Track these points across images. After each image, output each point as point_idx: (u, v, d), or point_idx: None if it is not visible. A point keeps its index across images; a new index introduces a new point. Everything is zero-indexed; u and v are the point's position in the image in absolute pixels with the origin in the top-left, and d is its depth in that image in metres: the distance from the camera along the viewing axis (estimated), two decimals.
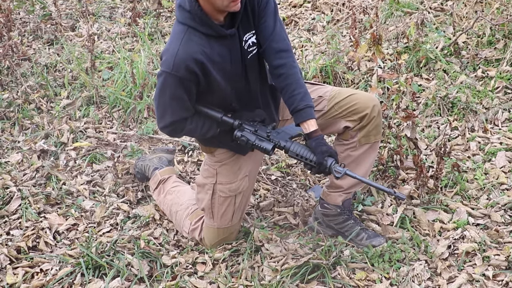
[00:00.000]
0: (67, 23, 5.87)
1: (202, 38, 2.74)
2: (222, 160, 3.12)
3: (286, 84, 2.87)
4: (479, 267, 2.96)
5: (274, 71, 2.91)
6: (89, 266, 3.11)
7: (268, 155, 2.93)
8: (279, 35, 2.91)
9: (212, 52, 2.75)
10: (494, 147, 3.78)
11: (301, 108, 2.84)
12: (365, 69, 4.58)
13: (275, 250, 3.19)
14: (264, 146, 2.90)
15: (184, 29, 2.75)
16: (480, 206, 3.37)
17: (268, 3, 2.88)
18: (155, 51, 5.11)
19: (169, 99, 2.78)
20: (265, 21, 2.88)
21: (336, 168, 2.77)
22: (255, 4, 2.84)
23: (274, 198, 3.64)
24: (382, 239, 3.17)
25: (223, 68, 2.81)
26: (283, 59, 2.89)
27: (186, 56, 2.70)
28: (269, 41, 2.88)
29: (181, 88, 2.75)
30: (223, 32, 2.76)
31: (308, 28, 5.47)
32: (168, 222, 3.51)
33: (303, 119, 2.85)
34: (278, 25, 2.91)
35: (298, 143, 2.87)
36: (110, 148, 4.24)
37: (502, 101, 4.10)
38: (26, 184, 3.83)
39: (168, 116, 2.82)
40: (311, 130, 2.84)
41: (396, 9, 5.12)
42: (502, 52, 4.46)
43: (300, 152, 2.84)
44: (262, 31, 2.88)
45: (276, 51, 2.89)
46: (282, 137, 2.90)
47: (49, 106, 4.73)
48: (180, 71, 2.70)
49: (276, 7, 2.92)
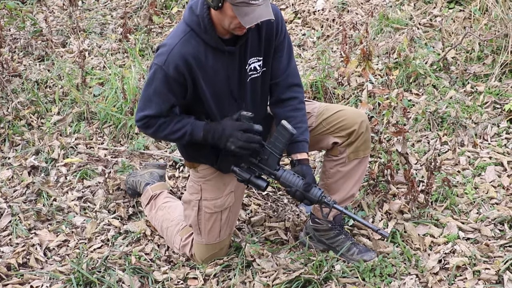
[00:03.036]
0: (58, 39, 5.88)
1: (200, 45, 2.78)
2: (206, 176, 3.12)
3: (292, 116, 2.95)
4: (469, 281, 2.97)
5: (283, 102, 2.99)
6: (80, 282, 3.10)
7: (262, 191, 3.01)
8: (295, 70, 3.04)
9: (205, 62, 2.79)
10: (484, 162, 3.80)
11: (299, 140, 2.93)
12: (355, 84, 4.61)
13: (266, 265, 3.18)
14: (259, 183, 2.94)
15: (187, 30, 2.80)
16: (470, 221, 3.38)
17: (285, 37, 2.97)
18: (145, 67, 5.12)
19: (153, 93, 2.82)
20: (281, 55, 2.98)
21: (325, 199, 2.83)
22: (273, 35, 2.90)
23: (265, 213, 3.65)
24: (373, 254, 3.17)
25: (214, 82, 2.83)
26: (297, 93, 3.01)
27: (179, 55, 2.75)
28: (285, 75, 2.98)
29: (166, 87, 2.79)
30: (221, 47, 2.79)
31: (298, 43, 5.50)
32: (159, 237, 3.51)
33: (298, 151, 2.94)
34: (293, 60, 3.03)
35: (289, 171, 2.91)
36: (101, 164, 4.23)
37: (491, 116, 4.13)
38: (17, 200, 3.82)
39: (147, 110, 2.85)
40: (303, 158, 2.93)
41: (385, 25, 5.16)
42: (491, 67, 4.50)
43: (289, 179, 2.87)
44: (277, 64, 2.97)
45: (291, 85, 3.00)
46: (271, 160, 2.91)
47: (39, 122, 4.73)
48: (170, 69, 2.75)
49: (290, 42, 3.02)
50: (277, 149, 2.87)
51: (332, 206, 2.82)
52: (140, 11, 6.19)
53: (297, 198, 2.86)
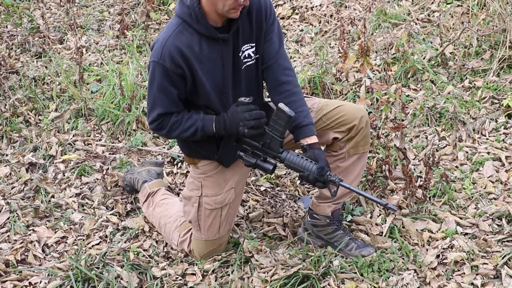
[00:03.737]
0: (55, 36, 5.87)
1: (194, 35, 2.79)
2: (206, 172, 3.12)
3: (291, 101, 2.91)
4: (467, 276, 2.97)
5: (278, 88, 2.97)
6: (78, 279, 3.10)
7: (270, 174, 2.99)
8: (285, 54, 3.03)
9: (200, 52, 2.79)
10: (482, 157, 3.80)
11: (305, 125, 2.90)
12: (353, 80, 4.60)
13: (264, 261, 3.19)
14: (265, 166, 2.94)
15: (179, 22, 2.81)
16: (468, 216, 3.38)
17: (275, 21, 2.97)
18: (143, 63, 5.12)
19: (156, 90, 2.83)
20: (271, 38, 2.97)
21: (331, 178, 2.80)
22: (262, 19, 2.90)
23: (263, 209, 3.64)
24: (371, 249, 3.17)
25: (212, 73, 2.83)
26: (290, 76, 2.98)
27: (173, 47, 2.76)
28: (276, 58, 2.96)
29: (167, 80, 2.80)
30: (214, 34, 2.79)
31: (296, 39, 5.50)
32: (157, 234, 3.51)
33: (306, 135, 2.91)
34: (284, 44, 3.02)
35: (293, 153, 2.89)
36: (99, 160, 4.23)
37: (489, 111, 4.13)
38: (15, 197, 3.82)
39: (156, 109, 2.87)
40: (314, 142, 2.90)
41: (383, 20, 5.16)
42: (489, 62, 4.50)
43: (297, 162, 2.86)
44: (268, 47, 2.97)
45: (283, 68, 2.98)
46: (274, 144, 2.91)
47: (37, 119, 4.72)
48: (166, 61, 2.76)
49: (280, 27, 3.01)
50: (278, 132, 2.86)
51: (339, 184, 2.81)
52: (138, 7, 6.18)
53: (310, 182, 2.86)
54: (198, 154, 3.10)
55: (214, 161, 3.09)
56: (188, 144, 3.10)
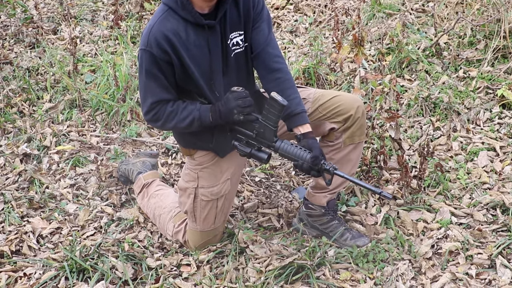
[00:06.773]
0: (48, 26, 5.85)
1: (180, 22, 2.79)
2: (203, 163, 3.12)
3: (282, 88, 2.90)
4: (462, 266, 2.98)
5: (268, 75, 2.95)
6: (73, 269, 3.09)
7: (265, 163, 2.99)
8: (274, 41, 3.01)
9: (187, 39, 2.78)
10: (476, 147, 3.80)
11: (298, 113, 2.88)
12: (348, 70, 4.60)
13: (259, 252, 3.19)
14: (260, 155, 2.93)
15: (164, 9, 2.81)
16: (463, 206, 3.39)
17: (263, 9, 2.96)
18: (137, 53, 5.10)
19: (145, 78, 2.83)
20: (259, 25, 2.95)
21: (326, 166, 2.79)
22: (250, 7, 2.89)
23: (258, 200, 3.65)
24: (366, 239, 3.18)
25: (199, 59, 2.82)
26: (280, 64, 2.96)
27: (158, 33, 2.76)
28: (264, 46, 2.95)
29: (156, 67, 2.79)
30: (200, 20, 2.78)
31: (290, 30, 5.49)
32: (152, 224, 3.50)
33: (299, 123, 2.89)
34: (272, 32, 3.00)
35: (287, 142, 2.88)
36: (93, 151, 4.22)
37: (484, 101, 4.13)
38: (9, 188, 3.81)
39: (148, 98, 2.85)
40: (307, 131, 2.88)
41: (378, 10, 5.15)
42: (483, 52, 4.50)
43: (291, 151, 2.85)
44: (256, 35, 2.95)
45: (273, 56, 2.96)
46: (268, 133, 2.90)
47: (31, 109, 4.71)
48: (153, 48, 2.76)
49: (269, 15, 2.99)
50: (271, 121, 2.85)
51: (334, 173, 2.81)
52: None
53: (305, 171, 2.86)
54: (194, 144, 3.09)
55: (210, 151, 3.09)
56: (183, 136, 3.09)
